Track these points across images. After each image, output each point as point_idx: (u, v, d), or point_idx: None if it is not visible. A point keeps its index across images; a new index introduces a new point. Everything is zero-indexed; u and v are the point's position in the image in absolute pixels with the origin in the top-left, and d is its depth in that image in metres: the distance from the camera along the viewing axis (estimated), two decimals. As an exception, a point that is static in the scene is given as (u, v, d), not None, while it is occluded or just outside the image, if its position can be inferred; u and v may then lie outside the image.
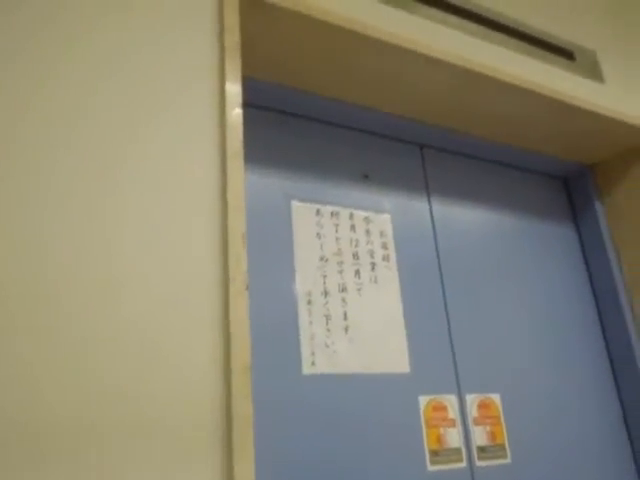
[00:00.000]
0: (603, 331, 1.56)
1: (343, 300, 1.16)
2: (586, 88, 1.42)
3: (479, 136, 1.46)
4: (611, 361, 1.53)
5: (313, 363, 1.08)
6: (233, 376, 0.70)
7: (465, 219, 1.44)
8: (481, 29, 1.28)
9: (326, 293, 1.14)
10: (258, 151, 1.18)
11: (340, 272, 1.18)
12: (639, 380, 1.46)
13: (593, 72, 1.45)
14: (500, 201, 1.54)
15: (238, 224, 0.79)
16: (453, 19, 1.24)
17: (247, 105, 1.18)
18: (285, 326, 1.08)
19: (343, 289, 1.17)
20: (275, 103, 1.22)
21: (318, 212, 1.21)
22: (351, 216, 1.24)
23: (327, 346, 1.11)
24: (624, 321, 1.51)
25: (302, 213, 1.19)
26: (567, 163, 1.63)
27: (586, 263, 1.63)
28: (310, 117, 1.27)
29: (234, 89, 0.87)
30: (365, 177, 1.30)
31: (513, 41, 1.32)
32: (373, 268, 1.22)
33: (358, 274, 1.20)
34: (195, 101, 0.85)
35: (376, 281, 1.22)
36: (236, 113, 0.84)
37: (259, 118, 1.21)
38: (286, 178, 1.20)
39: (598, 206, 1.62)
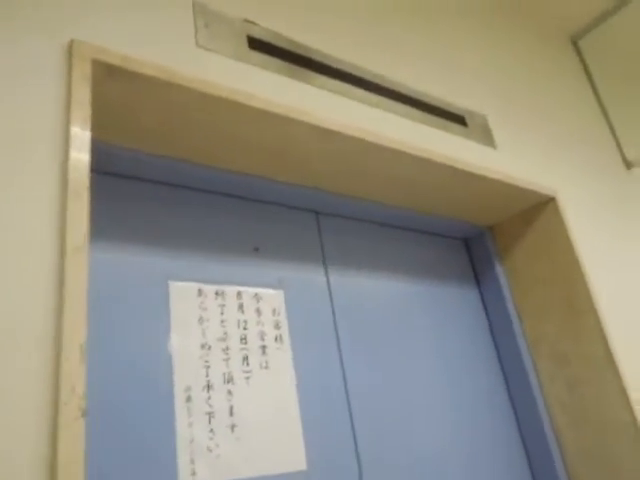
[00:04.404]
0: (509, 391, 1.53)
1: (229, 392, 1.03)
2: (479, 153, 1.42)
3: (377, 201, 1.41)
4: (518, 425, 1.50)
5: (193, 473, 0.93)
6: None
7: (366, 288, 1.37)
8: (374, 97, 1.24)
9: (209, 387, 1.01)
10: (127, 227, 1.04)
11: (226, 360, 1.05)
12: (544, 439, 1.44)
13: (485, 137, 1.46)
14: (402, 266, 1.48)
15: (76, 335, 0.65)
16: (346, 87, 1.19)
17: (113, 175, 1.05)
18: (157, 432, 0.92)
19: (229, 380, 1.04)
20: (149, 173, 1.09)
21: (200, 292, 1.08)
22: (239, 295, 1.12)
23: (210, 450, 0.96)
24: (528, 380, 1.50)
25: (181, 294, 1.05)
26: (466, 225, 1.62)
27: (489, 323, 1.61)
28: (190, 187, 1.15)
29: (80, 173, 0.74)
30: (255, 250, 1.19)
31: (408, 109, 1.29)
32: (264, 352, 1.10)
33: (246, 360, 1.07)
34: (32, 187, 0.71)
35: (267, 367, 1.09)
36: (81, 206, 0.70)
37: (129, 190, 1.07)
38: (163, 255, 1.06)
39: (498, 266, 1.62)
